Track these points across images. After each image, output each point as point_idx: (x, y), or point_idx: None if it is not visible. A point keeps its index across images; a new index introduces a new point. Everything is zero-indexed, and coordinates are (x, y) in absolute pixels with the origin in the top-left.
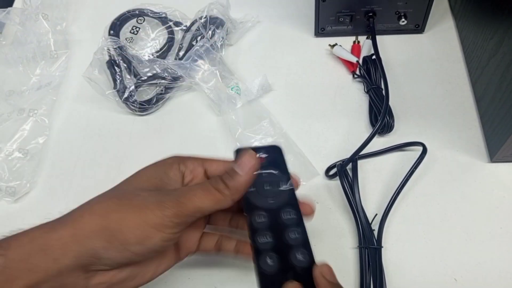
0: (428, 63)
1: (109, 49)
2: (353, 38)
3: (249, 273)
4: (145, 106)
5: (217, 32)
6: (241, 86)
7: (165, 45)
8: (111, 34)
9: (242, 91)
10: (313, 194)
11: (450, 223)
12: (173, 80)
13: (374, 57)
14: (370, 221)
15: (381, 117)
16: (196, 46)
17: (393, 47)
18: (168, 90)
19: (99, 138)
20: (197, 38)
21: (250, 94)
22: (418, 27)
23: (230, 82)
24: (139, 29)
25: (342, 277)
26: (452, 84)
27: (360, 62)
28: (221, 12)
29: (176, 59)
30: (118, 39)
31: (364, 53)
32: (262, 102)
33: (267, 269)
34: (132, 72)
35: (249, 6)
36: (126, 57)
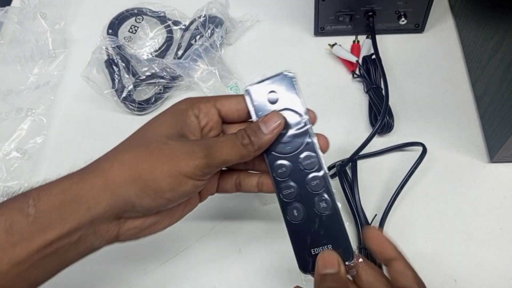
0: (428, 63)
1: (107, 48)
2: (352, 37)
3: (249, 273)
4: (143, 105)
5: (216, 31)
6: (240, 85)
7: (163, 44)
8: (110, 33)
9: (241, 91)
10: None
11: (450, 224)
12: (171, 79)
13: (373, 56)
14: (370, 221)
15: (381, 117)
16: (195, 46)
17: (393, 47)
18: (166, 89)
19: (97, 137)
20: (196, 37)
21: None
22: (418, 27)
23: (229, 82)
24: (138, 28)
25: None
26: (452, 84)
27: (359, 61)
28: (220, 11)
29: (174, 59)
30: (117, 38)
31: (363, 52)
32: None
33: (294, 220)
34: (130, 71)
35: (248, 5)
36: (124, 56)
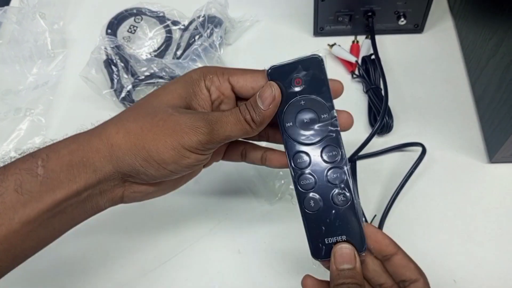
0: (427, 63)
1: (106, 48)
2: (352, 37)
3: (248, 273)
4: None
5: (215, 31)
6: None
7: (162, 44)
8: (109, 33)
9: None
10: None
11: (449, 224)
12: (170, 79)
13: (373, 57)
14: (369, 221)
15: (380, 117)
16: (194, 45)
17: (392, 47)
18: None
19: None
20: (195, 37)
21: None
22: (417, 27)
23: None
24: (137, 28)
25: None
26: (451, 84)
27: (359, 62)
28: (219, 11)
29: (174, 59)
30: (116, 38)
31: (363, 53)
32: None
33: (310, 210)
34: (129, 71)
35: (247, 5)
36: (123, 56)
